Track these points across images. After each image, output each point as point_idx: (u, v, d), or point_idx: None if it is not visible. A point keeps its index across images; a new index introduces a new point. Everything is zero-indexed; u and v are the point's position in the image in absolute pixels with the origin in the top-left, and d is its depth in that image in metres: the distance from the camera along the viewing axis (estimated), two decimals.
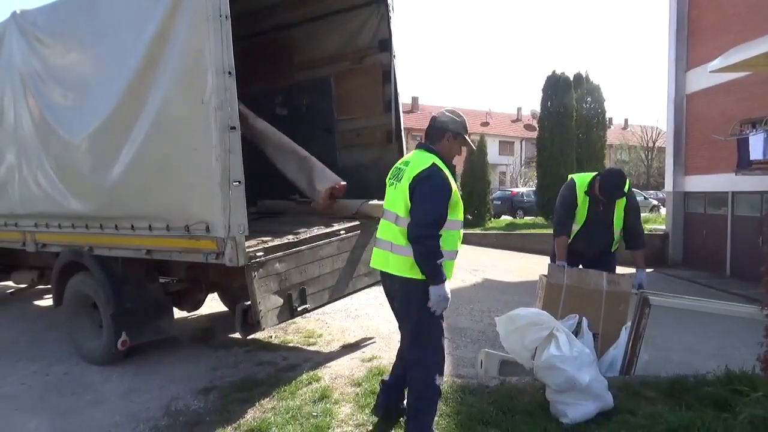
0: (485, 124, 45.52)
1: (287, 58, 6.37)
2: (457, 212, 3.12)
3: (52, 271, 5.35)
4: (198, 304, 5.74)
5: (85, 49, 4.60)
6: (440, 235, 3.02)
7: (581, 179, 4.82)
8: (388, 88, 5.49)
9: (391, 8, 5.35)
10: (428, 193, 2.99)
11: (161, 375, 4.65)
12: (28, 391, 4.50)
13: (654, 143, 37.30)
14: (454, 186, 3.10)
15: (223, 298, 6.31)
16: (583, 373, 3.39)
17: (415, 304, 3.12)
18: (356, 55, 5.78)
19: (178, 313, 5.85)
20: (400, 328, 3.46)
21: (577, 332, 4.42)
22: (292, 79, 6.41)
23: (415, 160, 3.13)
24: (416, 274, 3.07)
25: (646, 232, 16.08)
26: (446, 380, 4.13)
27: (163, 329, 4.97)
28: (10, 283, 7.04)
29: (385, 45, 5.46)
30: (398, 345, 5.28)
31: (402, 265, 3.11)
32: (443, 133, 3.18)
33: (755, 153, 10.37)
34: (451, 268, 3.21)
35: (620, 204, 4.70)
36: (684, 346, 4.31)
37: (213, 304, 6.39)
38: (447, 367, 4.67)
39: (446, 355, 4.96)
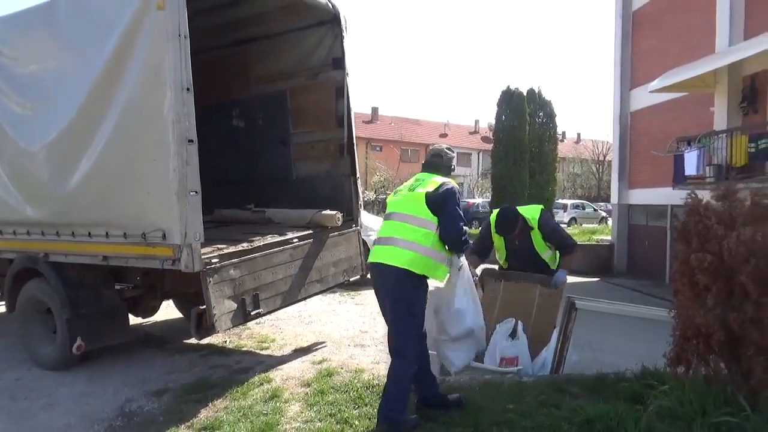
0: (443, 135, 46.33)
1: (245, 73, 6.57)
2: None
3: (4, 277, 5.39)
4: (153, 311, 5.85)
5: (45, 60, 4.72)
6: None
7: (493, 216, 5.02)
8: (341, 104, 5.77)
9: (344, 28, 5.64)
10: (456, 205, 3.58)
11: (116, 379, 4.76)
12: None
13: (605, 157, 38.71)
14: None
15: (179, 306, 6.43)
16: (477, 322, 3.87)
17: (405, 293, 3.49)
18: (311, 72, 6.04)
19: (133, 320, 5.96)
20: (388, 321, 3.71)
21: (513, 334, 4.80)
22: (250, 92, 6.62)
23: (429, 178, 3.64)
24: (417, 269, 3.45)
25: (593, 242, 16.82)
26: None
27: (117, 334, 5.08)
28: None
29: (338, 63, 5.75)
30: (348, 347, 5.59)
31: (412, 259, 3.46)
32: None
33: (689, 168, 11.11)
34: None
35: (536, 235, 4.87)
36: (614, 349, 4.69)
37: (169, 311, 6.50)
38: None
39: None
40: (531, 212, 4.90)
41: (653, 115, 14.08)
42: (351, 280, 5.92)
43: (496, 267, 5.26)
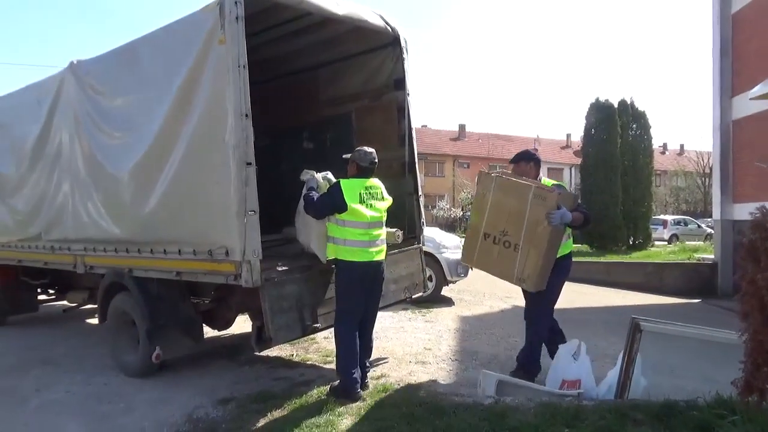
0: (534, 151, 45.27)
1: (314, 96, 6.86)
2: None
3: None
4: (228, 324, 6.17)
5: (128, 95, 5.23)
6: None
7: None
8: (403, 123, 5.88)
9: (404, 50, 5.77)
10: None
11: (188, 386, 5.09)
12: (71, 398, 5.03)
13: (710, 169, 36.12)
14: None
15: (252, 319, 6.74)
16: None
17: None
18: (375, 93, 6.20)
19: (211, 332, 6.34)
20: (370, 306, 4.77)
21: (576, 355, 4.62)
22: (318, 115, 6.90)
23: (380, 183, 4.84)
24: None
25: (694, 261, 15.71)
26: (445, 398, 4.39)
27: (192, 345, 5.42)
28: (65, 302, 7.78)
29: (400, 84, 5.87)
30: (409, 364, 5.62)
31: None
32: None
33: None
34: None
35: None
36: (690, 374, 4.40)
37: (246, 325, 6.84)
38: (447, 386, 4.94)
39: (453, 375, 5.27)
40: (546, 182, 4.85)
41: (759, 124, 13.00)
42: (414, 296, 5.97)
43: None
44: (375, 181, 4.74)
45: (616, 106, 19.56)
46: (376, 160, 4.71)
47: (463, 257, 4.96)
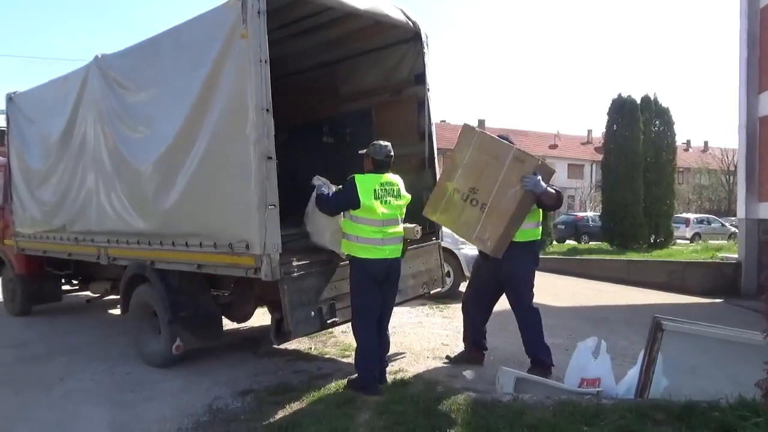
0: (553, 146, 44.91)
1: (334, 91, 6.89)
2: None
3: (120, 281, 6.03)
4: (247, 316, 6.24)
5: (151, 89, 5.29)
6: None
7: None
8: (423, 118, 5.88)
9: (425, 45, 5.75)
10: None
11: (208, 377, 5.16)
12: (95, 386, 5.13)
13: (735, 167, 35.47)
14: None
15: (271, 312, 6.80)
16: None
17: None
18: (395, 88, 6.20)
19: (231, 324, 6.41)
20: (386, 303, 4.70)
21: (595, 353, 4.59)
22: (338, 110, 6.92)
23: (399, 179, 4.72)
24: None
25: (716, 260, 15.47)
26: (462, 394, 4.39)
27: (212, 337, 5.50)
28: (88, 293, 7.93)
29: (420, 79, 5.86)
30: (427, 359, 5.62)
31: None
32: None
33: None
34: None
35: None
36: (712, 375, 4.32)
37: (264, 318, 6.90)
38: (465, 382, 4.94)
39: (471, 371, 5.26)
40: None
41: None
42: (431, 292, 5.97)
43: None
44: (393, 177, 4.66)
45: (638, 101, 19.23)
46: (392, 154, 4.62)
47: (426, 209, 4.93)
